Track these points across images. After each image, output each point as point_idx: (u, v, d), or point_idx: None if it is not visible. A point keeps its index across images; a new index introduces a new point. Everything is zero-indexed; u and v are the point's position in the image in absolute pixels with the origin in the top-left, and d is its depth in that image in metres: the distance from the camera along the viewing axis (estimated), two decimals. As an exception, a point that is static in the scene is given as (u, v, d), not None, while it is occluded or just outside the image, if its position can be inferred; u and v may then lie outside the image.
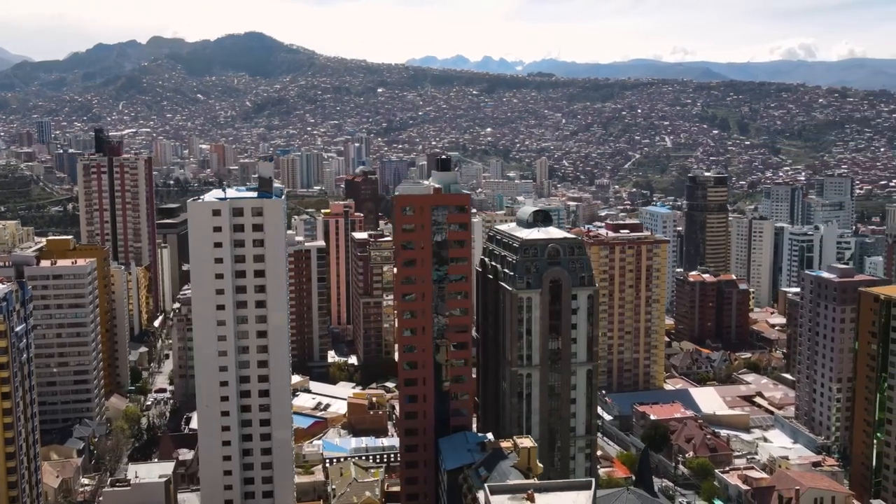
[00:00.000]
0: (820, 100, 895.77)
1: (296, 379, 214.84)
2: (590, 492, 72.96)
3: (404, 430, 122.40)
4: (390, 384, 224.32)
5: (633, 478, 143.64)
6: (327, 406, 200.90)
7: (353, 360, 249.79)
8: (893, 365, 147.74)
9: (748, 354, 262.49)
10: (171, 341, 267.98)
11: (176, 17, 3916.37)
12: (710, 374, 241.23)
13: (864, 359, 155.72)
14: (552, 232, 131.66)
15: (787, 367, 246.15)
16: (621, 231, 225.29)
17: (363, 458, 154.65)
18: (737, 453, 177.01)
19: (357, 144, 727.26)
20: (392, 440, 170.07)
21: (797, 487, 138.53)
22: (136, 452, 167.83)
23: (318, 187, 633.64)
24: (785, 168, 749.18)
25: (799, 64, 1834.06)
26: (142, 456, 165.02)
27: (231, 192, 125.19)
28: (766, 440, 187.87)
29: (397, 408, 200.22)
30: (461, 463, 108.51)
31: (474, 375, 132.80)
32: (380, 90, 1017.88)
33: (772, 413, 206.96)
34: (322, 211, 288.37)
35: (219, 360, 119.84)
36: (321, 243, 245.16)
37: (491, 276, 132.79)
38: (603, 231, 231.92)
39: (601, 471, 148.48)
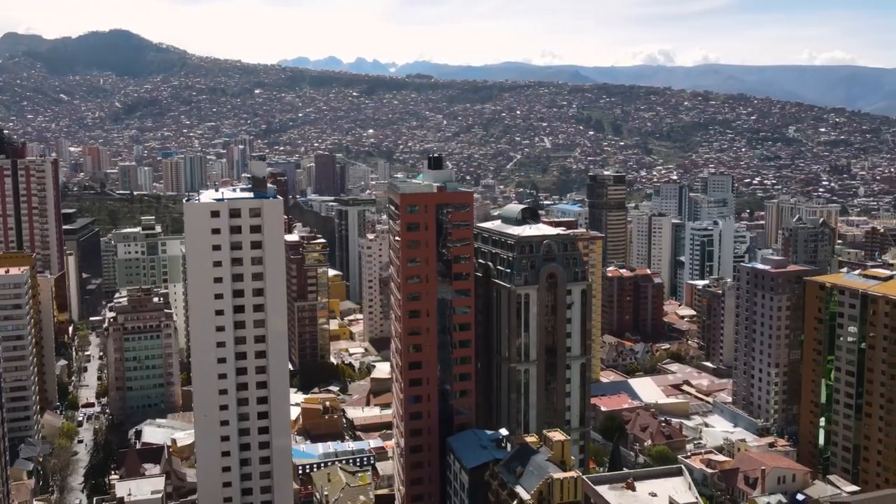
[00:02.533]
0: (685, 102, 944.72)
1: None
2: (682, 478, 75.26)
3: (409, 431, 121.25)
4: (334, 388, 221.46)
5: (606, 468, 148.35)
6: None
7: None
8: (840, 348, 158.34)
9: (667, 345, 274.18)
10: (87, 353, 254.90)
11: (30, 12, 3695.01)
12: (636, 366, 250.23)
13: (811, 343, 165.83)
14: (543, 228, 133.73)
15: (707, 356, 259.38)
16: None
17: (342, 462, 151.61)
18: (686, 439, 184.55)
19: (241, 146, 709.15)
20: (360, 443, 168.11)
21: (762, 468, 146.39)
22: (93, 470, 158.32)
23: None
24: (658, 167, 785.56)
25: (659, 68, 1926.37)
26: (97, 473, 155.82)
27: (225, 193, 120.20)
28: (707, 425, 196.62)
29: (347, 411, 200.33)
30: (483, 460, 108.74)
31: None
32: (257, 91, 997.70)
33: (701, 400, 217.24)
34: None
35: (218, 368, 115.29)
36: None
37: (480, 274, 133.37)
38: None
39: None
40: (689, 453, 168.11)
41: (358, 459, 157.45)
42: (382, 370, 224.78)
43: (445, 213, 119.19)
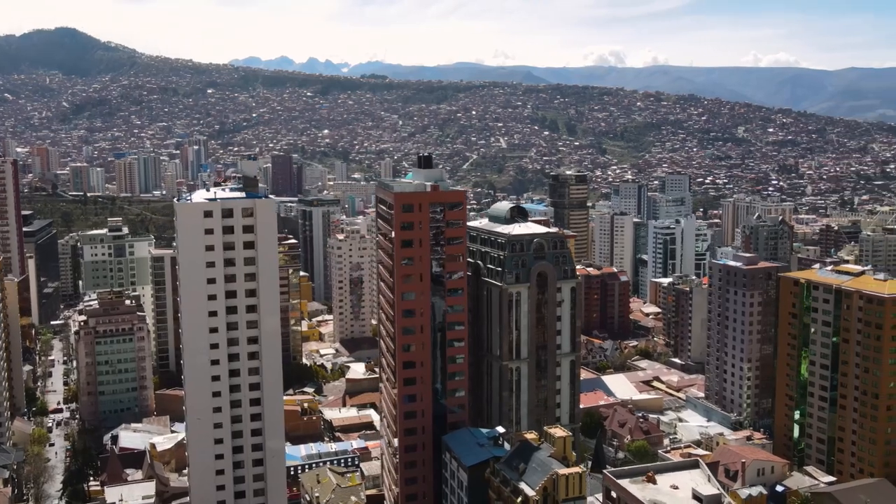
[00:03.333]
0: (638, 103, 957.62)
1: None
2: (700, 470, 76.56)
3: (404, 430, 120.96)
4: (309, 389, 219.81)
5: (589, 464, 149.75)
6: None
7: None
8: (814, 342, 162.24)
9: (634, 342, 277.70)
10: (51, 358, 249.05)
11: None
12: (606, 363, 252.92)
13: (785, 338, 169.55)
14: (533, 227, 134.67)
15: (675, 353, 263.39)
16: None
17: (326, 463, 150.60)
18: (663, 434, 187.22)
19: (196, 147, 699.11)
20: (342, 444, 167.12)
21: (742, 460, 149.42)
22: (72, 477, 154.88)
23: (159, 192, 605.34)
24: (612, 167, 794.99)
25: (610, 69, 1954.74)
26: (76, 480, 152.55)
27: (216, 193, 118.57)
28: (681, 420, 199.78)
29: (325, 412, 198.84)
30: (482, 458, 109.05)
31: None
32: (209, 91, 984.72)
33: (672, 396, 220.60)
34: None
35: (211, 370, 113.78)
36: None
37: (469, 273, 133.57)
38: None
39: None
40: (668, 448, 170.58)
41: (342, 460, 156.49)
42: (357, 371, 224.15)
43: (439, 212, 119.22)
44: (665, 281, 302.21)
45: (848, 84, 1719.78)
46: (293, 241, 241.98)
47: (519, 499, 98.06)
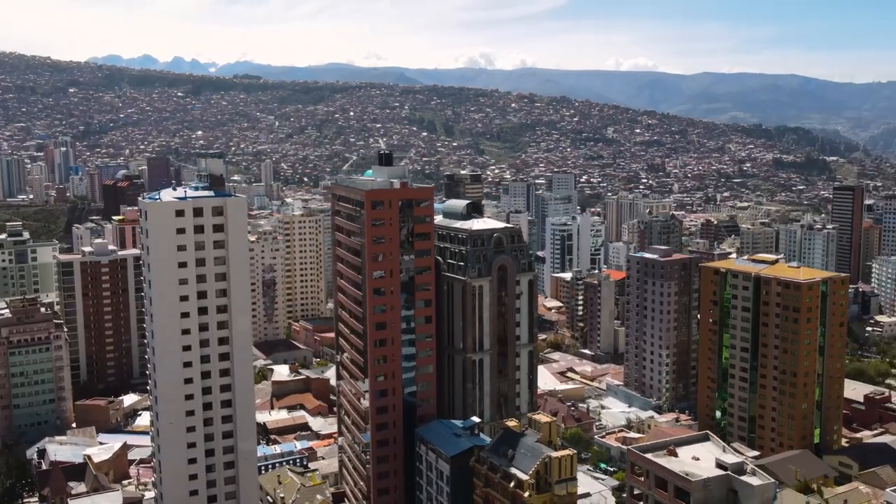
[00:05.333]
0: (512, 104, 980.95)
1: (133, 398, 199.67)
2: (711, 442, 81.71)
3: (376, 426, 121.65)
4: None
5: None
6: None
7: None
8: (734, 327, 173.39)
9: (543, 336, 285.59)
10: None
11: None
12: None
13: (706, 324, 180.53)
14: (491, 222, 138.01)
15: (584, 344, 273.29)
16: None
17: (277, 465, 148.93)
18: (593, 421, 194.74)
19: (63, 149, 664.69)
20: (286, 446, 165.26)
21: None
22: (6, 494, 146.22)
23: (24, 196, 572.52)
24: (490, 167, 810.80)
25: (481, 71, 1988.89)
26: (10, 497, 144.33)
27: (182, 192, 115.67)
28: (603, 407, 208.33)
29: (256, 416, 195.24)
30: (464, 448, 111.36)
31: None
32: (71, 90, 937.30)
33: (588, 385, 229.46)
34: (114, 218, 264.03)
35: (184, 372, 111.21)
36: (136, 251, 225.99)
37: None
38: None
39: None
40: (603, 433, 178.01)
41: (290, 462, 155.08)
42: (281, 373, 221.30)
43: (408, 209, 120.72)
44: (566, 276, 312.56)
45: (703, 88, 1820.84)
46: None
47: (512, 483, 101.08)
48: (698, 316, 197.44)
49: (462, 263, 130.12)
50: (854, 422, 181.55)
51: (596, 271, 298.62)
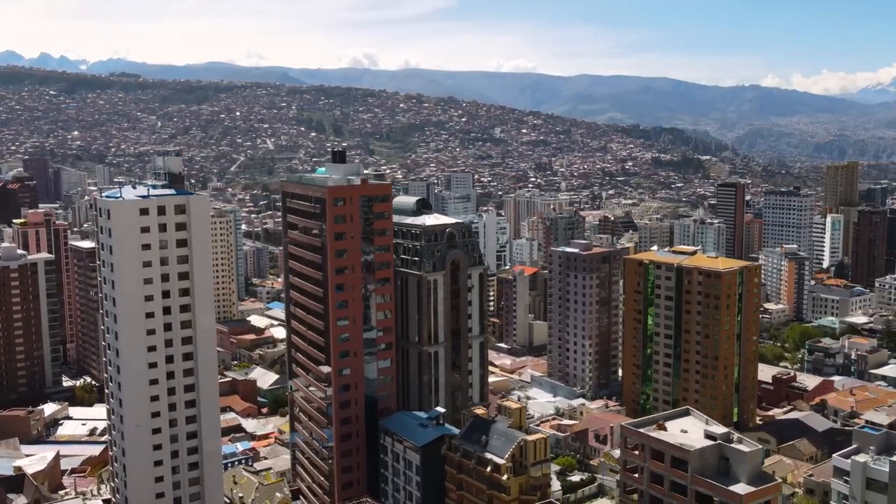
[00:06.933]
0: (400, 105, 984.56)
1: (52, 408, 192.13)
2: (692, 417, 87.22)
3: (340, 420, 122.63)
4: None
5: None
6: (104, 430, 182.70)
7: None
8: (657, 315, 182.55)
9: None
10: None
11: None
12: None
13: (631, 314, 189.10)
14: (442, 218, 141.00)
15: (501, 338, 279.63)
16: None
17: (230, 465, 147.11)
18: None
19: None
20: (228, 448, 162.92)
21: (610, 425, 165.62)
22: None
23: None
24: (381, 167, 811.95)
25: (365, 71, 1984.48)
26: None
27: (140, 190, 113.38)
28: (529, 398, 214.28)
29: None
30: (433, 437, 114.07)
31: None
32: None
33: (508, 377, 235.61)
34: (14, 221, 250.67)
35: (149, 373, 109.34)
36: (48, 255, 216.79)
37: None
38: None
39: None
40: (538, 422, 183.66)
41: (235, 462, 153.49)
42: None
43: (367, 205, 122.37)
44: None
45: (581, 89, 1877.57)
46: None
47: (488, 468, 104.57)
48: (619, 307, 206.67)
49: (416, 258, 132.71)
50: (764, 401, 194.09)
51: (506, 267, 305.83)
